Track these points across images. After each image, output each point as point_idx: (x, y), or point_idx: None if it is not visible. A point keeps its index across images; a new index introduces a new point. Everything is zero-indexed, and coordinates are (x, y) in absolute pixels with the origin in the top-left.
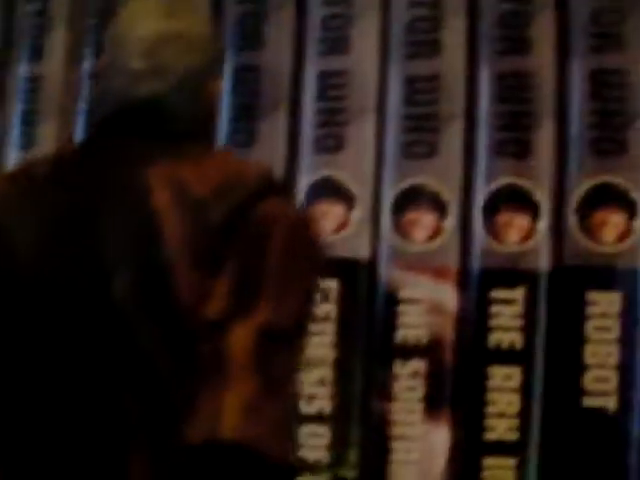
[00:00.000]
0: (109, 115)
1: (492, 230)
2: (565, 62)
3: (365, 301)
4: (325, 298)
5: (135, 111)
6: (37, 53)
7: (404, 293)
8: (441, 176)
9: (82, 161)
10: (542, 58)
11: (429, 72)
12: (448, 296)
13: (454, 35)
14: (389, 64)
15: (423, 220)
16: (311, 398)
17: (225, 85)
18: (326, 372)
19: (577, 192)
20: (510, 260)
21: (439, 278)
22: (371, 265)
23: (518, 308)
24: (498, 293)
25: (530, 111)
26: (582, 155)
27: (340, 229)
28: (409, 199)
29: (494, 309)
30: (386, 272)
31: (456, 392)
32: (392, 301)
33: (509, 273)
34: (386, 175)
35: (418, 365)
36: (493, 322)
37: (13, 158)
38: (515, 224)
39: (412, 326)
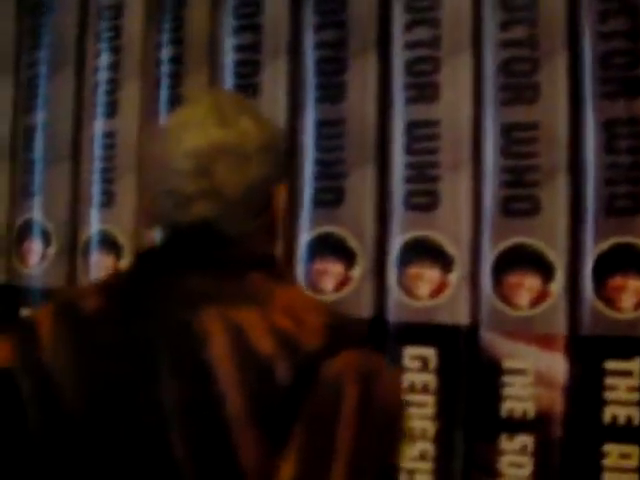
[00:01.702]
0: (157, 244)
1: (603, 294)
2: None
3: (466, 371)
4: (424, 367)
5: (185, 239)
6: (112, 109)
7: (509, 363)
8: (545, 235)
9: (134, 296)
10: None
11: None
12: (556, 366)
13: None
14: (484, 111)
15: (527, 283)
16: (411, 473)
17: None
18: (427, 446)
19: None
20: (625, 328)
21: (546, 346)
22: (472, 332)
23: (635, 380)
24: (612, 364)
25: None
26: None
27: (437, 293)
28: (511, 260)
29: (608, 381)
30: (488, 339)
31: (567, 471)
32: (496, 371)
33: (624, 341)
34: (485, 234)
35: (525, 440)
36: (608, 395)
37: (94, 216)
38: (630, 287)
39: (518, 398)
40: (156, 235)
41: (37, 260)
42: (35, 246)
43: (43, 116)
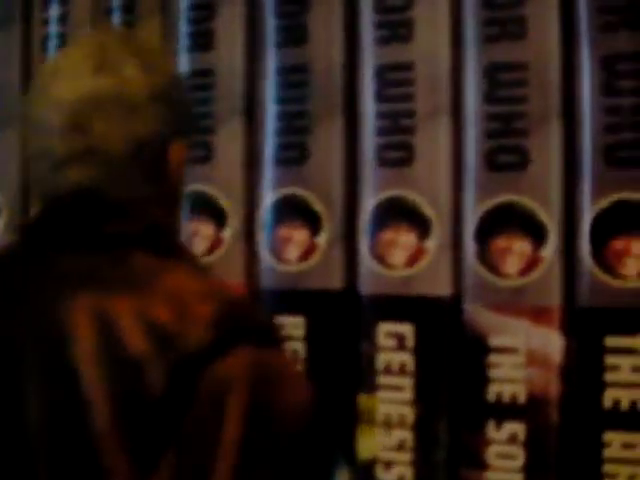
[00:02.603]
0: (33, 215)
1: (603, 259)
2: None
3: (448, 349)
4: (400, 345)
5: (60, 210)
6: None
7: (496, 339)
8: (536, 192)
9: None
10: None
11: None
12: (551, 343)
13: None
14: (464, 50)
15: (516, 248)
16: (389, 465)
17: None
18: (405, 435)
19: None
20: (629, 298)
21: (539, 320)
22: (454, 305)
23: None
24: (614, 340)
25: None
26: None
27: (414, 261)
28: (497, 222)
29: (610, 360)
30: (472, 313)
31: (564, 462)
32: (482, 349)
33: (628, 314)
34: (467, 193)
35: (516, 428)
36: (609, 376)
37: None
38: (634, 251)
39: (507, 380)
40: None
41: None
42: None
43: None
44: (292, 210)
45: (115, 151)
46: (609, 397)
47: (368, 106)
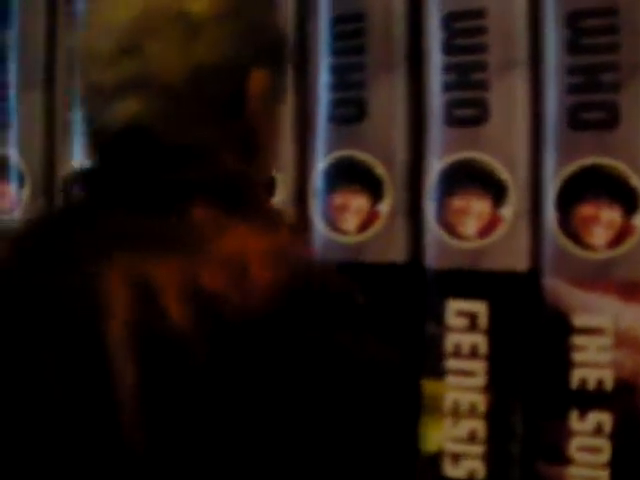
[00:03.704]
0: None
1: None
2: None
3: (525, 330)
4: (472, 326)
5: (107, 155)
6: None
7: (580, 319)
8: (624, 153)
9: (44, 241)
10: None
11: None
12: None
13: None
14: None
15: (604, 216)
16: (457, 458)
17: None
18: (477, 425)
19: None
20: None
21: (629, 297)
22: (532, 279)
23: None
24: None
25: None
26: None
27: (488, 231)
28: (582, 187)
29: None
30: (553, 289)
31: None
32: (564, 330)
33: None
34: (548, 154)
35: (602, 418)
36: None
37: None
38: None
39: (593, 364)
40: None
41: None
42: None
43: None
44: (349, 175)
45: (173, 80)
46: None
47: (434, 58)
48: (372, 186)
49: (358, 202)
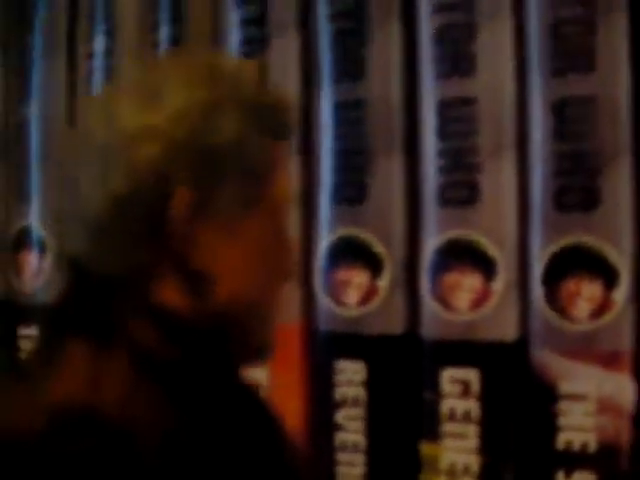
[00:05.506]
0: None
1: None
2: None
3: (515, 396)
4: (465, 392)
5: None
6: None
7: (566, 386)
8: (604, 233)
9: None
10: None
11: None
12: (623, 390)
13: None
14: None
15: (586, 291)
16: None
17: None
18: None
19: None
20: None
21: (610, 366)
22: (521, 349)
23: None
24: None
25: None
26: None
27: (479, 304)
28: (566, 264)
29: None
30: (541, 358)
31: None
32: (550, 396)
33: None
34: (534, 233)
35: (586, 477)
36: None
37: None
38: None
39: (577, 428)
40: None
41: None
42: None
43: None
44: (351, 252)
45: (96, 211)
46: None
47: (429, 143)
48: (372, 263)
49: (359, 278)
